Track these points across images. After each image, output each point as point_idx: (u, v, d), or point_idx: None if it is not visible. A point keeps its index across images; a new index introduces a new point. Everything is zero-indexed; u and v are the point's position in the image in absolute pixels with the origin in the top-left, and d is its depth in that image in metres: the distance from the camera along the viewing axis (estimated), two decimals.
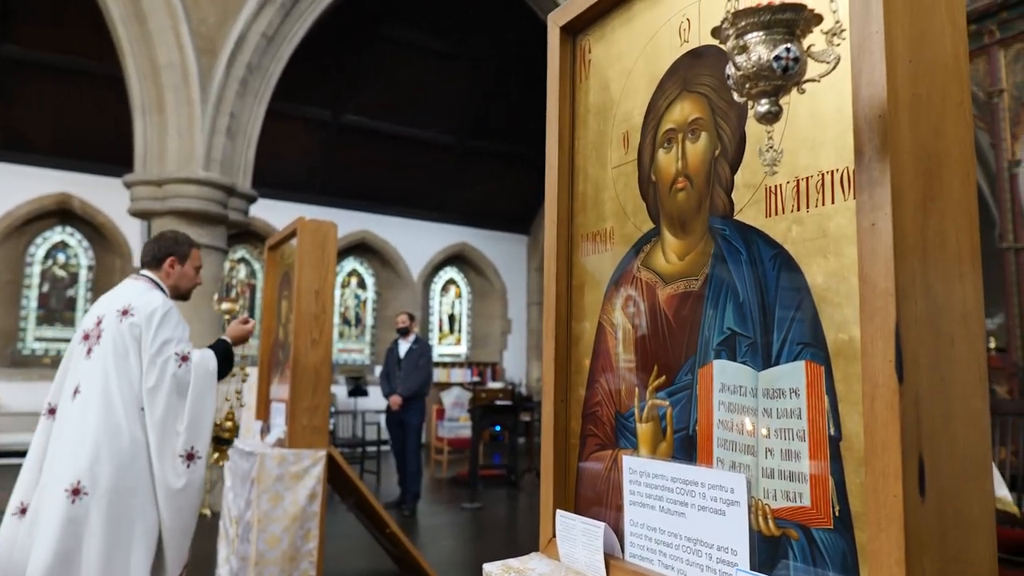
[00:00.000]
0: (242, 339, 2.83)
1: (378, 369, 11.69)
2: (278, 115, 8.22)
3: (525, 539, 5.48)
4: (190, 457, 2.37)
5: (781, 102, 0.74)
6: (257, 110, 6.57)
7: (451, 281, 13.08)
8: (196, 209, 6.16)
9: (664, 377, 1.12)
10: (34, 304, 10.17)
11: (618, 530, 1.17)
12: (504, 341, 12.80)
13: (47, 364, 10.01)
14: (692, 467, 1.04)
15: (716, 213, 1.06)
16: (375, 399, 7.60)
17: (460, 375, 10.93)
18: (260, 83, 6.54)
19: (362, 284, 12.23)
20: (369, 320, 12.32)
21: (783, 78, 0.72)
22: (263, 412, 3.75)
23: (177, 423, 2.37)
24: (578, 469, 1.29)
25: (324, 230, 3.36)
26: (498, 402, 7.50)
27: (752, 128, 1.02)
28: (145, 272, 2.63)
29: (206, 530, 5.66)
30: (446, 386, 9.87)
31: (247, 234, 10.56)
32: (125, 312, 2.42)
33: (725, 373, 1.01)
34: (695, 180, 1.10)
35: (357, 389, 9.61)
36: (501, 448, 8.31)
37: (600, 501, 1.23)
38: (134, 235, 10.10)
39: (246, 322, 2.87)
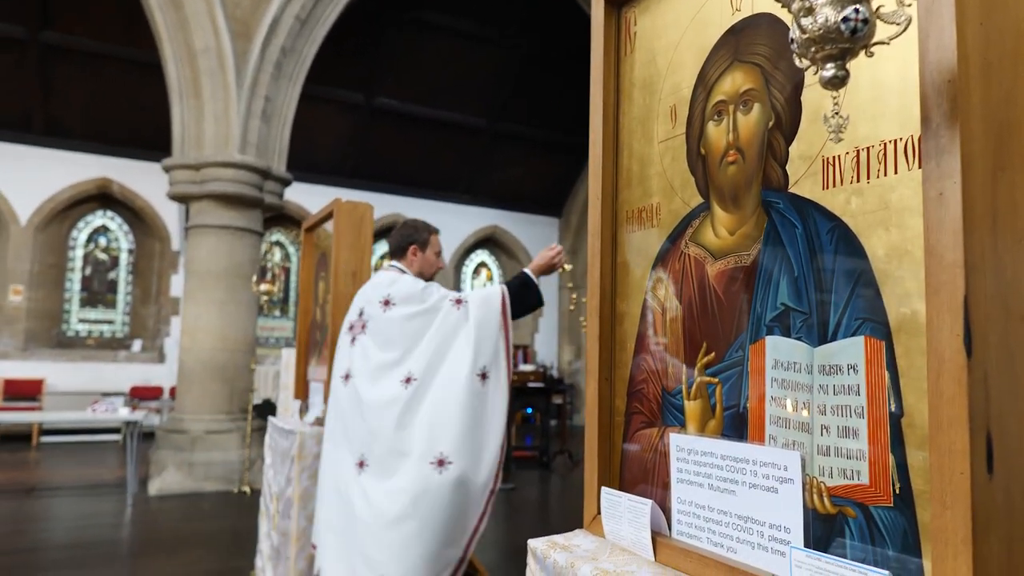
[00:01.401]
0: (547, 267, 2.70)
1: None
2: (311, 98, 8.27)
3: (558, 520, 5.51)
4: (483, 376, 2.38)
5: (848, 66, 0.71)
6: (291, 93, 6.62)
7: (482, 264, 13.10)
8: (233, 192, 6.25)
9: (713, 354, 1.10)
10: (77, 287, 10.44)
11: (665, 507, 1.16)
12: (535, 324, 12.80)
13: (91, 345, 10.29)
14: (743, 444, 1.03)
15: (769, 186, 1.04)
16: None
17: None
18: (294, 66, 6.58)
19: None
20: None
21: (851, 40, 0.70)
22: (301, 392, 3.80)
23: (465, 355, 2.40)
24: (623, 447, 1.29)
25: (360, 211, 3.37)
26: (530, 384, 7.52)
27: (809, 97, 0.99)
28: (393, 262, 2.76)
29: (246, 507, 5.81)
30: None
31: (281, 217, 10.69)
32: (387, 302, 2.56)
33: (778, 349, 0.99)
34: (747, 153, 1.08)
35: None
36: (533, 430, 8.35)
37: (646, 479, 1.22)
38: (172, 218, 10.29)
39: (551, 249, 2.73)
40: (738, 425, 1.05)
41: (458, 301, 2.51)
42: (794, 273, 0.98)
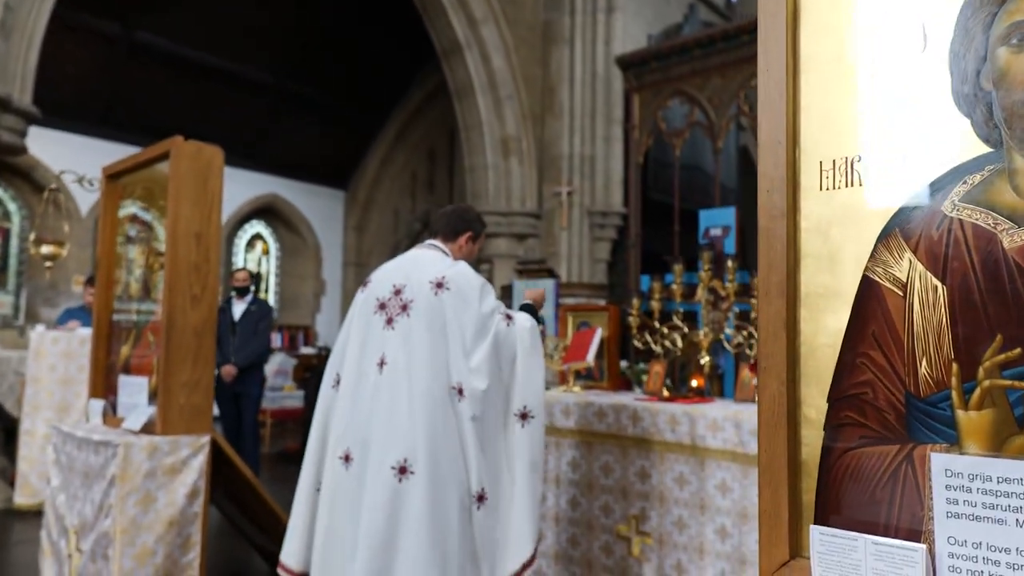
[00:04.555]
0: (539, 303, 2.57)
1: None
2: (50, 20, 6.63)
3: None
4: (523, 416, 2.25)
5: None
6: (42, 6, 5.20)
7: (258, 236, 11.82)
8: None
9: (1019, 350, 0.84)
10: None
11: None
12: (317, 303, 11.90)
13: None
14: None
15: None
16: None
17: None
18: None
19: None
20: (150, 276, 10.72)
21: None
22: (100, 388, 2.91)
23: (511, 383, 2.27)
24: (825, 469, 0.98)
25: (207, 156, 2.63)
26: None
27: None
28: (436, 243, 2.43)
29: None
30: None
31: None
32: (440, 285, 2.23)
33: None
34: None
35: None
36: None
37: (872, 512, 0.93)
38: None
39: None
40: None
41: (509, 317, 2.31)
42: None
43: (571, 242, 9.28)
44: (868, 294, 0.97)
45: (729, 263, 3.31)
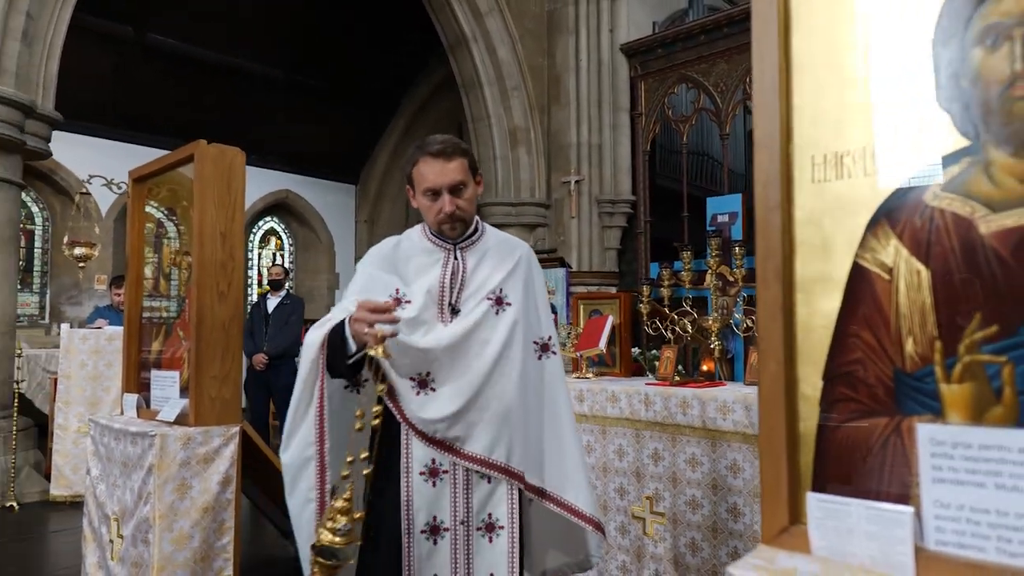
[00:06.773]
0: (360, 341, 1.66)
1: None
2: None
3: None
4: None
5: None
6: (61, 14, 5.30)
7: (271, 232, 11.96)
8: None
9: (996, 327, 0.92)
10: None
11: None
12: (332, 297, 12.03)
13: None
14: None
15: None
16: None
17: None
18: None
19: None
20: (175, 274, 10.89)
21: None
22: (133, 383, 3.03)
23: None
24: (822, 441, 1.07)
25: (229, 158, 2.74)
26: None
27: None
28: None
29: (12, 525, 4.62)
30: None
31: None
32: None
33: None
34: None
35: None
36: None
37: (865, 480, 1.02)
38: None
39: (385, 311, 1.62)
40: None
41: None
42: None
43: (581, 231, 9.34)
44: (858, 278, 1.04)
45: (736, 249, 3.38)
